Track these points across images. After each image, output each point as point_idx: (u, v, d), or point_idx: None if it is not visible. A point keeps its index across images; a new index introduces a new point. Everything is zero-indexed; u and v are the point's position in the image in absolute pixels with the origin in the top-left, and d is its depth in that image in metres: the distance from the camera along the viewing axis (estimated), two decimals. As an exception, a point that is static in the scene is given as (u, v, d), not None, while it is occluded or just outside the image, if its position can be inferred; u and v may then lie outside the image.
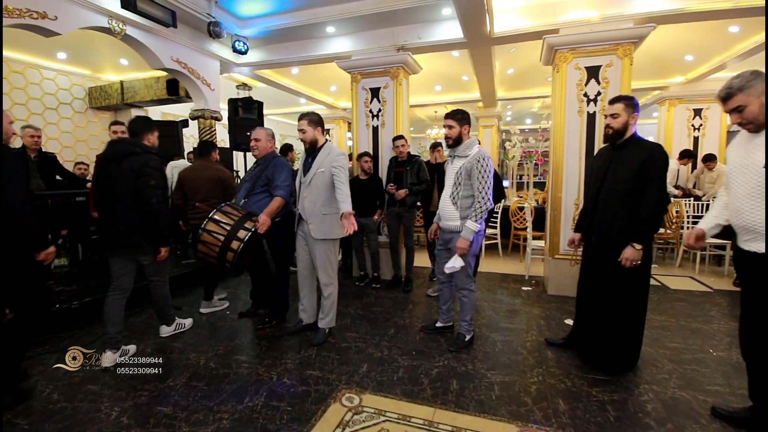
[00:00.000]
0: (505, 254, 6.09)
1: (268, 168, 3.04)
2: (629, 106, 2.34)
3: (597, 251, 2.41)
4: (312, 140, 2.91)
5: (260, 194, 3.03)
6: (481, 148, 2.76)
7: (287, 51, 5.05)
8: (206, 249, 2.76)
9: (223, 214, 2.79)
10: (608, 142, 2.43)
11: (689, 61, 5.97)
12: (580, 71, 3.92)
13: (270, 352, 2.86)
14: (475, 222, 2.64)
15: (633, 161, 2.26)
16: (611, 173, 2.35)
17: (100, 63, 5.93)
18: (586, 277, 2.60)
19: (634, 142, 2.34)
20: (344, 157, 2.91)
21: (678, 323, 3.37)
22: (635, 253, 2.24)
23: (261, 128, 3.17)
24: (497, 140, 9.15)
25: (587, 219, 2.49)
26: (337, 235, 2.93)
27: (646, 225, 2.23)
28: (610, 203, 2.33)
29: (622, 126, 2.33)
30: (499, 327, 3.31)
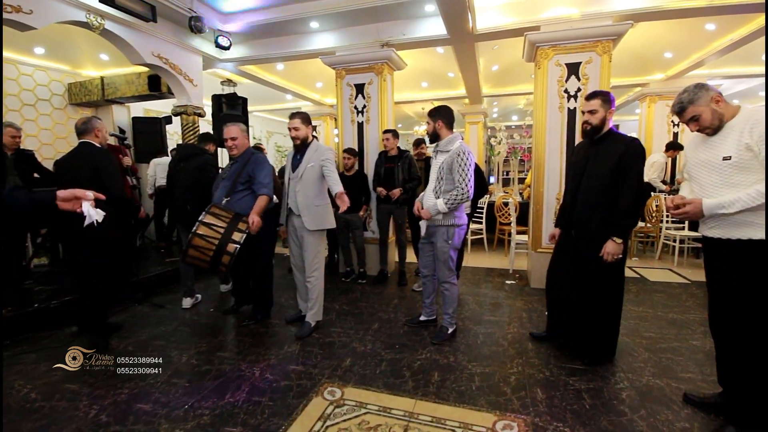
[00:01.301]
0: (491, 249, 6.16)
1: (248, 165, 2.96)
2: (606, 101, 2.38)
3: (576, 244, 2.46)
4: (305, 138, 2.97)
5: (242, 192, 2.98)
6: (462, 143, 2.79)
7: (271, 47, 5.01)
8: (198, 254, 2.67)
9: (213, 217, 2.71)
10: (586, 137, 2.48)
11: (668, 59, 6.09)
12: (560, 68, 3.98)
13: (253, 348, 2.86)
14: (445, 204, 2.70)
15: (611, 155, 2.29)
16: (590, 168, 2.40)
17: (80, 58, 5.80)
18: (559, 268, 2.65)
19: (612, 137, 2.37)
20: (332, 152, 3.06)
21: (655, 314, 3.46)
22: (616, 248, 2.27)
23: (233, 125, 3.04)
24: (483, 137, 9.22)
25: (566, 214, 2.54)
26: (328, 224, 3.05)
27: (624, 218, 2.27)
28: (590, 197, 2.38)
29: (600, 121, 2.38)
30: (481, 320, 3.36)
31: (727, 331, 1.90)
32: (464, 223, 2.86)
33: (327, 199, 3.05)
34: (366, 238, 4.75)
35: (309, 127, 2.99)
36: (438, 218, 2.82)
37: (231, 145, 3.00)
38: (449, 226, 2.79)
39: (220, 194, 2.97)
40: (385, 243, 4.53)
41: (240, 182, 2.95)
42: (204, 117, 5.12)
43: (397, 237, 4.45)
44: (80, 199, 1.41)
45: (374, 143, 4.67)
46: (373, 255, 4.70)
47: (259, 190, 2.91)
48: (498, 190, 7.93)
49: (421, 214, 2.84)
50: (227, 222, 2.71)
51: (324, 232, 3.09)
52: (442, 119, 2.83)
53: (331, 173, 2.95)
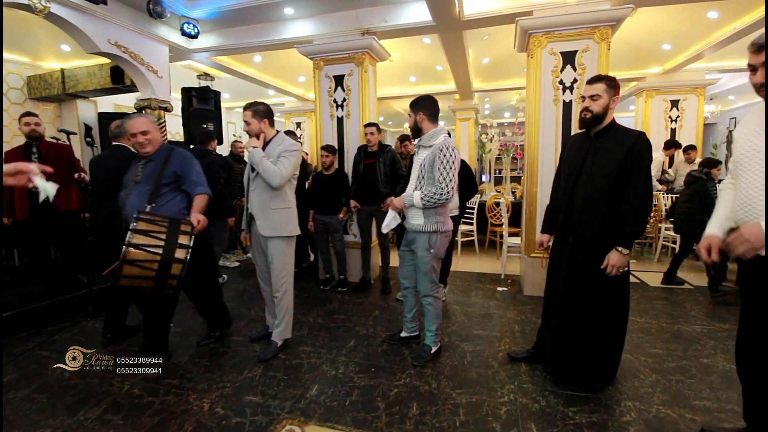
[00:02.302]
0: (482, 251, 5.85)
1: (170, 163, 2.46)
2: (611, 86, 2.04)
3: (574, 254, 2.12)
4: (257, 132, 2.59)
5: (168, 195, 2.46)
6: (447, 138, 2.45)
7: (243, 35, 4.63)
8: (138, 270, 2.13)
9: (146, 223, 2.20)
10: (585, 128, 2.13)
11: (666, 51, 5.81)
12: (555, 57, 3.66)
13: (207, 374, 2.50)
14: (421, 200, 2.38)
15: (616, 151, 1.96)
16: (589, 165, 2.06)
17: (39, 49, 5.36)
18: (557, 282, 2.31)
19: (615, 130, 2.04)
20: (297, 148, 2.63)
21: (659, 325, 3.16)
22: (622, 259, 1.95)
23: (140, 117, 2.49)
24: (475, 134, 8.90)
25: (561, 217, 2.20)
26: (289, 231, 2.65)
27: (631, 225, 1.94)
28: (590, 199, 2.04)
29: (602, 109, 2.03)
30: (470, 334, 3.03)
31: (761, 362, 1.58)
32: (449, 229, 2.52)
33: (288, 203, 2.66)
34: (347, 242, 4.41)
35: (264, 121, 2.60)
36: (417, 222, 2.48)
37: (142, 140, 2.42)
38: (431, 232, 2.45)
39: (139, 201, 2.38)
40: (367, 247, 4.18)
41: (164, 184, 2.44)
42: (171, 112, 4.73)
43: (380, 241, 4.11)
44: (26, 173, 1.30)
45: (355, 139, 4.32)
46: (355, 261, 4.36)
47: (195, 189, 2.49)
48: (490, 189, 7.61)
49: (392, 202, 2.51)
50: (165, 227, 2.23)
51: (290, 240, 2.71)
52: (424, 111, 2.49)
53: (280, 164, 2.51)
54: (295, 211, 2.72)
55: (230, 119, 9.32)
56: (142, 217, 2.22)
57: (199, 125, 4.98)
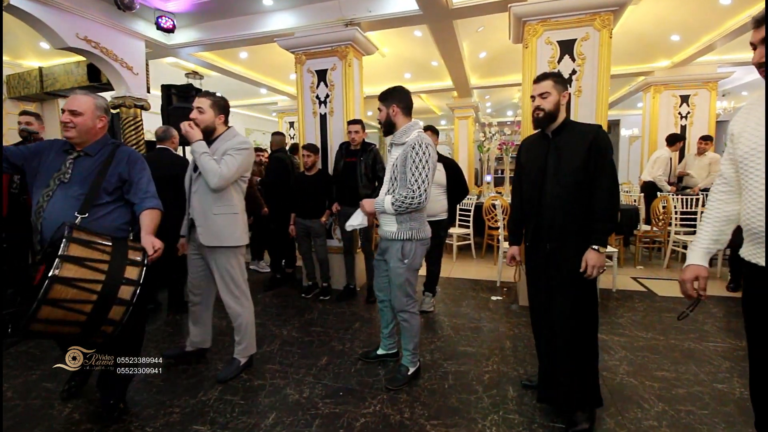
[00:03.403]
0: (479, 256, 5.55)
1: (115, 163, 1.90)
2: (559, 82, 1.89)
3: (555, 261, 1.87)
4: (209, 125, 2.30)
5: (109, 205, 1.89)
6: (421, 133, 2.18)
7: (223, 29, 4.40)
8: (63, 314, 1.50)
9: (83, 247, 1.57)
10: (539, 127, 1.95)
11: (675, 42, 5.47)
12: (552, 46, 3.36)
13: (158, 396, 2.24)
14: (393, 205, 2.12)
15: (578, 147, 1.82)
16: (553, 165, 1.87)
17: (18, 47, 5.20)
18: (539, 295, 2.01)
19: (572, 126, 1.91)
20: (246, 146, 2.33)
21: (667, 342, 2.84)
22: (599, 258, 1.77)
23: (83, 95, 1.89)
24: (474, 133, 8.59)
25: (532, 225, 1.95)
26: (235, 241, 2.34)
27: (604, 221, 1.78)
28: (561, 200, 1.84)
29: (553, 107, 1.87)
30: (455, 351, 2.74)
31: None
32: (425, 237, 2.24)
33: (233, 207, 2.35)
34: (332, 247, 4.14)
35: (221, 117, 2.33)
36: (390, 229, 2.20)
37: (67, 120, 1.82)
38: (405, 240, 2.18)
39: (64, 209, 1.78)
40: (350, 253, 3.91)
41: (104, 190, 1.86)
42: (149, 110, 4.51)
43: (363, 246, 3.84)
44: None
45: (339, 138, 4.06)
46: (340, 267, 4.09)
47: (146, 202, 1.94)
48: (489, 189, 7.30)
49: (364, 204, 2.25)
50: (108, 253, 1.63)
51: (237, 251, 2.39)
52: (398, 103, 2.22)
53: (223, 162, 2.20)
54: (242, 217, 2.42)
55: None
56: (76, 238, 1.57)
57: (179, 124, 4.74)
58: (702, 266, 1.40)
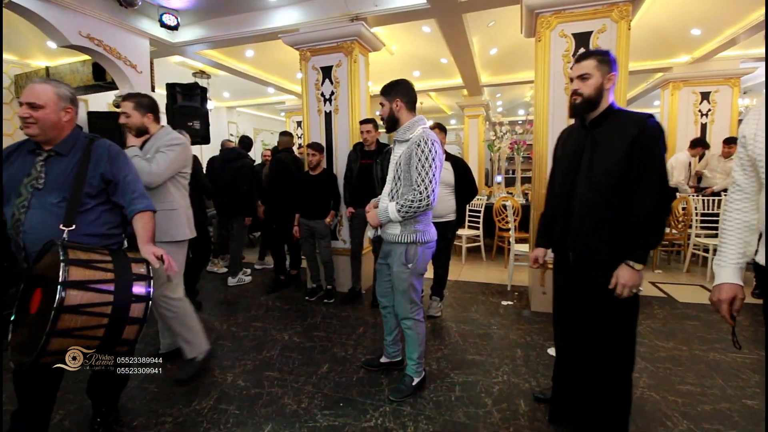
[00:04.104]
0: (489, 258, 5.39)
1: (96, 162, 1.66)
2: (603, 62, 1.61)
3: (578, 274, 1.68)
4: (139, 127, 2.24)
5: (94, 210, 1.68)
6: (426, 130, 2.04)
7: (227, 26, 4.32)
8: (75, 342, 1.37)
9: (83, 267, 1.39)
10: (576, 115, 1.70)
11: (696, 37, 5.24)
12: (566, 39, 3.20)
13: (152, 404, 2.15)
14: (398, 210, 1.97)
15: (617, 142, 1.54)
16: (587, 162, 1.63)
17: (26, 47, 5.21)
18: (563, 308, 1.86)
19: (615, 115, 1.61)
20: (178, 141, 2.27)
21: (691, 353, 2.66)
22: (633, 276, 1.51)
23: (41, 83, 1.61)
24: (484, 132, 8.41)
25: (559, 229, 1.76)
26: (172, 236, 2.29)
27: (646, 233, 1.50)
28: (590, 204, 1.61)
29: (594, 91, 1.60)
30: (463, 360, 2.60)
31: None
32: (430, 240, 2.11)
33: (171, 204, 2.32)
34: (337, 248, 4.04)
35: (149, 116, 2.25)
36: (393, 232, 2.08)
37: (26, 114, 1.56)
38: (408, 243, 2.05)
39: (44, 221, 1.56)
40: (357, 257, 3.79)
41: (88, 194, 1.63)
42: (153, 109, 4.45)
43: (374, 247, 3.72)
44: None
45: (344, 137, 3.95)
46: (345, 269, 3.98)
47: (136, 203, 1.72)
48: (501, 190, 7.12)
49: (368, 217, 2.12)
50: (111, 270, 1.46)
51: (177, 246, 2.35)
52: (402, 97, 2.09)
53: (154, 160, 2.15)
54: (182, 213, 2.39)
55: (231, 119, 9.11)
56: (74, 260, 1.38)
57: (185, 123, 4.68)
58: (739, 285, 1.25)
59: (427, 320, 3.22)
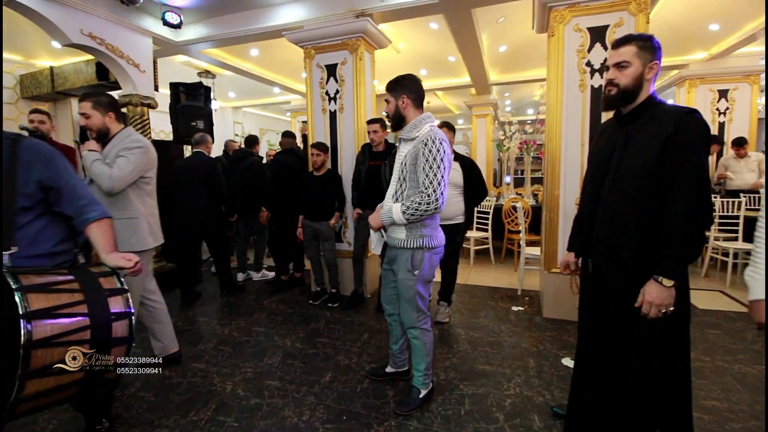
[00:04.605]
0: (498, 261, 5.25)
1: (26, 167, 1.37)
2: (645, 49, 1.40)
3: (599, 285, 1.54)
4: (101, 128, 2.10)
5: (34, 223, 1.43)
6: (434, 128, 1.92)
7: (231, 24, 4.24)
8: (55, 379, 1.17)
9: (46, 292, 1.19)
10: (609, 108, 1.52)
11: (714, 32, 5.05)
12: (581, 34, 3.06)
13: (147, 414, 2.06)
14: (403, 213, 1.84)
15: (650, 139, 1.37)
16: (617, 161, 1.46)
17: (31, 47, 5.18)
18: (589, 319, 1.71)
19: (653, 109, 1.41)
20: (140, 144, 2.15)
21: (714, 364, 2.51)
22: (662, 294, 1.30)
23: None
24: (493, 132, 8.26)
25: (585, 232, 1.63)
26: (131, 246, 2.15)
27: (679, 244, 1.30)
28: (616, 208, 1.45)
29: (632, 82, 1.40)
30: (473, 370, 2.48)
31: None
32: (439, 245, 1.99)
33: (132, 212, 2.20)
34: (341, 251, 3.94)
35: (110, 115, 2.12)
36: (398, 237, 1.96)
37: None
38: (415, 249, 1.94)
39: None
40: (360, 259, 3.69)
41: (23, 207, 1.38)
42: (156, 108, 4.39)
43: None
44: None
45: (349, 136, 3.85)
46: (350, 272, 3.88)
47: (87, 211, 1.45)
48: (510, 191, 6.97)
49: (369, 220, 2.00)
50: (78, 290, 1.25)
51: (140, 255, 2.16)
52: (409, 93, 1.96)
53: (115, 164, 2.05)
54: (144, 221, 2.25)
55: (236, 119, 9.06)
56: (28, 286, 1.15)
57: (188, 123, 4.64)
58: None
59: (434, 326, 3.14)
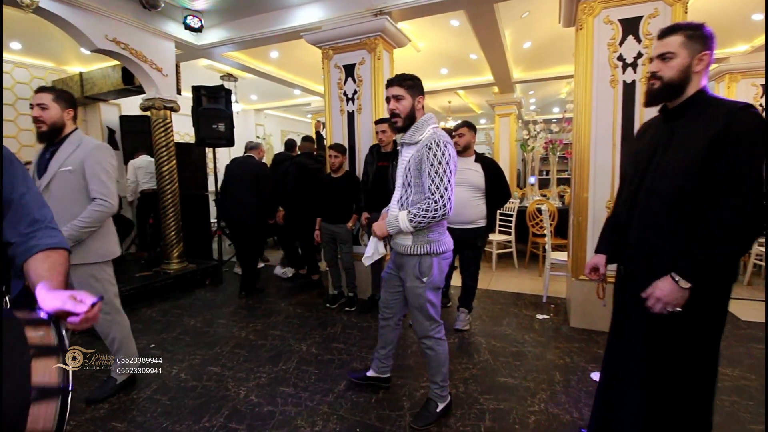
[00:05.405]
0: (522, 266, 5.06)
1: None
2: (694, 39, 1.26)
3: (631, 293, 1.41)
4: (56, 122, 1.96)
5: None
6: (437, 130, 1.84)
7: (250, 27, 4.25)
8: None
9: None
10: (652, 103, 1.37)
11: (756, 22, 4.70)
12: (612, 26, 2.88)
13: (160, 418, 2.05)
14: (410, 220, 1.76)
15: (696, 138, 1.22)
16: (658, 161, 1.33)
17: (62, 53, 5.37)
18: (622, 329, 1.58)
19: (703, 105, 1.26)
20: (104, 149, 2.09)
21: (761, 383, 2.29)
22: (674, 293, 1.21)
23: None
24: (516, 131, 8.02)
25: (618, 235, 1.48)
26: (102, 255, 2.10)
27: (710, 246, 1.18)
28: (653, 212, 1.31)
29: (678, 74, 1.27)
30: (494, 383, 2.36)
31: None
32: (447, 250, 1.89)
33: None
34: (359, 254, 3.85)
35: (69, 112, 2.00)
36: (405, 243, 1.88)
37: None
38: (422, 255, 1.85)
39: None
40: (378, 263, 3.59)
41: None
42: (178, 111, 4.45)
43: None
44: None
45: (367, 138, 3.77)
46: (368, 275, 3.80)
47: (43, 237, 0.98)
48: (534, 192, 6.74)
49: (374, 228, 1.90)
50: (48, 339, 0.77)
51: (107, 266, 2.16)
52: (421, 95, 1.89)
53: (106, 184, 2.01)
54: (111, 229, 2.20)
55: (258, 121, 9.16)
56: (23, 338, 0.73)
57: (209, 125, 4.68)
58: None
59: (454, 334, 3.03)
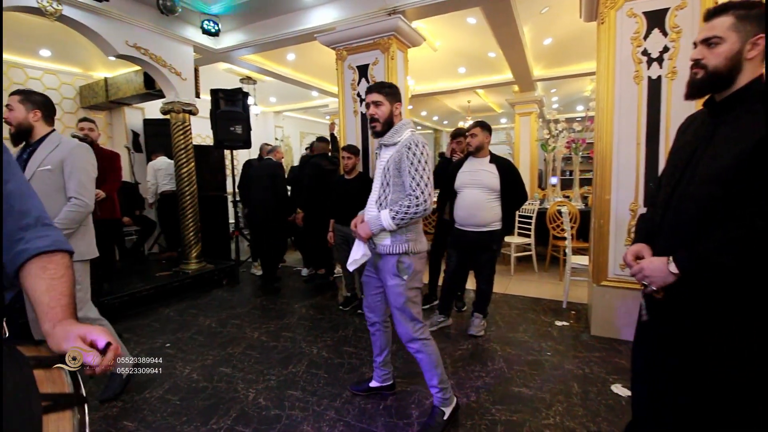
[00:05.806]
0: (542, 269, 4.90)
1: None
2: (748, 19, 1.06)
3: (654, 307, 1.29)
4: (21, 122, 1.98)
5: None
6: (414, 133, 1.90)
7: (266, 30, 4.29)
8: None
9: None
10: (694, 96, 1.19)
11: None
12: (636, 19, 2.74)
13: (169, 419, 2.06)
14: (392, 218, 1.78)
15: (740, 137, 1.06)
16: (696, 160, 1.17)
17: (88, 59, 5.57)
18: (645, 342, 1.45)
19: (756, 98, 1.07)
20: (83, 150, 2.11)
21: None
22: (662, 271, 1.12)
23: None
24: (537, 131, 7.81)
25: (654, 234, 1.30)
26: (83, 254, 2.10)
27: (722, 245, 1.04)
28: (684, 220, 1.16)
29: (726, 63, 1.08)
30: (507, 392, 2.26)
31: None
32: (423, 250, 1.92)
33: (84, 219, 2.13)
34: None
35: (36, 113, 2.00)
36: (384, 243, 1.88)
37: None
38: (401, 254, 1.86)
39: None
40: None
41: None
42: (196, 114, 4.53)
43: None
44: None
45: (381, 138, 3.73)
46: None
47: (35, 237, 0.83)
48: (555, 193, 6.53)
49: (358, 230, 1.90)
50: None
51: (80, 265, 2.12)
52: (400, 102, 1.93)
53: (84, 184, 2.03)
54: (91, 228, 2.20)
55: (277, 123, 9.27)
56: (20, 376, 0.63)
57: (227, 128, 4.74)
58: None
59: (467, 340, 2.94)
